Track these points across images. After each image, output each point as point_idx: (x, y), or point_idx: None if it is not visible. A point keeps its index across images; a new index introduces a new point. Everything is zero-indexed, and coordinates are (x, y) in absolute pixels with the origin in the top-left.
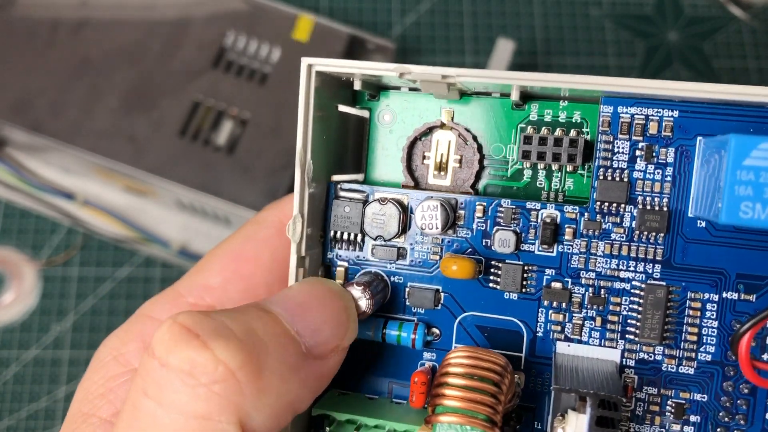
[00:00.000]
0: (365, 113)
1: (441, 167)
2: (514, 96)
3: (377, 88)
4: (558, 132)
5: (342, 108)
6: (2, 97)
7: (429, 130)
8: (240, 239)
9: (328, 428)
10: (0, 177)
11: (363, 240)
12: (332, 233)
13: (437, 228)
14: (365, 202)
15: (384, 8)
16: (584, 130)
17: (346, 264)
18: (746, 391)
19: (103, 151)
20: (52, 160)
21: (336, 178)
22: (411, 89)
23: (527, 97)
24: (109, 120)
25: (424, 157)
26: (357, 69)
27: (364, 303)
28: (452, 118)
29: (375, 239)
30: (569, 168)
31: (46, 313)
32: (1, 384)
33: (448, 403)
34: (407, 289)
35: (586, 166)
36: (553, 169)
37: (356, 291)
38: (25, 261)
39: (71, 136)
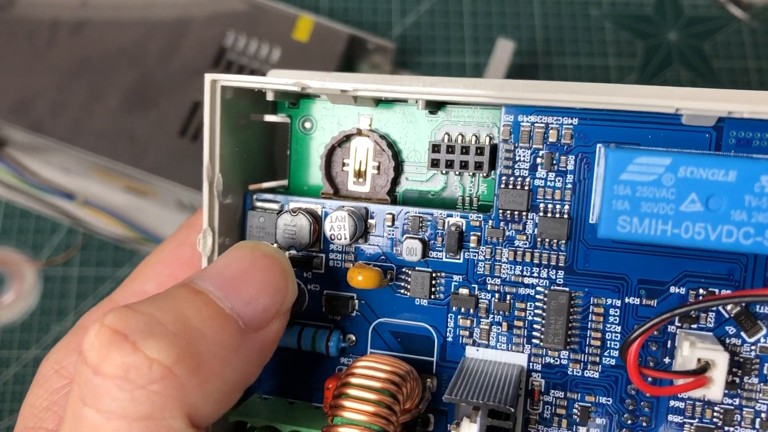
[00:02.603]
0: (286, 120)
1: (360, 174)
2: (420, 106)
3: (297, 96)
4: (470, 137)
5: (255, 117)
6: (2, 98)
7: (347, 138)
8: (173, 244)
9: None
10: (0, 177)
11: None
12: None
13: (346, 238)
14: (279, 213)
15: (384, 8)
16: (495, 134)
17: None
18: (649, 393)
19: (103, 151)
20: (52, 160)
21: (252, 187)
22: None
23: (441, 102)
24: (109, 120)
25: (343, 164)
26: (260, 84)
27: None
28: (370, 125)
29: (288, 250)
30: (482, 175)
31: (47, 313)
32: (1, 384)
33: (344, 414)
34: (323, 297)
35: (497, 171)
36: (467, 174)
37: None
38: (25, 261)
39: (71, 136)
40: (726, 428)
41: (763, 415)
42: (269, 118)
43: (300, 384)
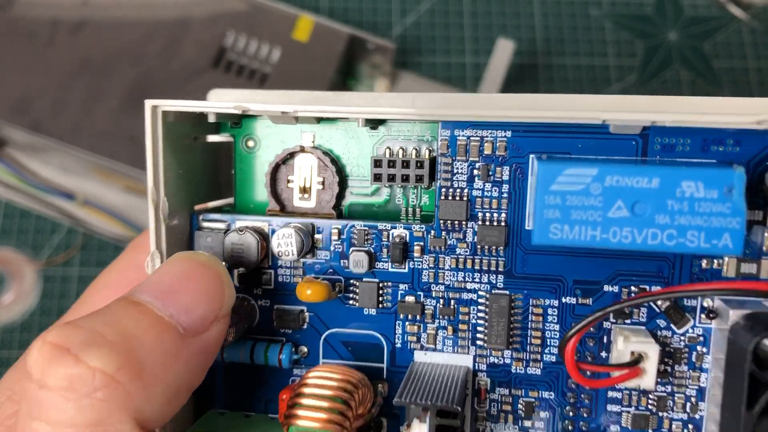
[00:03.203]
0: (229, 140)
1: (305, 190)
2: (361, 123)
3: (239, 117)
4: (410, 150)
5: (198, 138)
6: (2, 97)
7: (291, 156)
8: (120, 266)
9: None
10: (0, 177)
11: (229, 268)
12: None
13: (293, 254)
14: (226, 232)
15: (384, 8)
16: (435, 148)
17: None
18: (588, 386)
19: (103, 151)
20: (52, 160)
21: (198, 207)
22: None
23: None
24: (109, 120)
25: (288, 181)
26: (200, 108)
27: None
28: (313, 142)
29: (237, 268)
30: (424, 186)
31: (47, 313)
32: None
33: (298, 423)
34: (273, 312)
35: (437, 183)
36: (411, 188)
37: None
38: (25, 261)
39: (71, 136)
40: (660, 414)
41: (693, 399)
42: (212, 138)
43: (255, 397)
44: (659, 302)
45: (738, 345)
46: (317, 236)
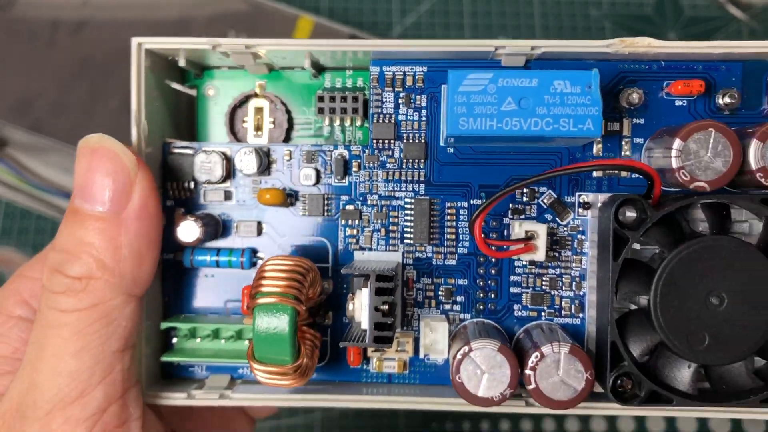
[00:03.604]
0: (192, 91)
1: (258, 128)
2: (306, 65)
3: (201, 68)
4: (344, 93)
5: (171, 84)
6: (3, 98)
7: (246, 99)
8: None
9: (176, 338)
10: (1, 177)
11: (196, 188)
12: (169, 185)
13: (253, 169)
14: (195, 154)
15: (384, 9)
16: (365, 93)
17: (182, 209)
18: (494, 272)
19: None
20: (52, 160)
21: (168, 140)
22: (230, 68)
23: (321, 68)
24: (109, 120)
25: (244, 121)
26: (179, 45)
27: (196, 231)
28: (264, 89)
29: (204, 183)
30: (357, 122)
31: None
32: None
33: (262, 290)
34: (234, 225)
35: (370, 111)
36: (346, 125)
37: (190, 222)
38: (25, 261)
39: (72, 136)
40: (552, 292)
41: (577, 279)
42: (178, 86)
43: (216, 301)
44: (546, 198)
45: (605, 215)
46: (272, 157)
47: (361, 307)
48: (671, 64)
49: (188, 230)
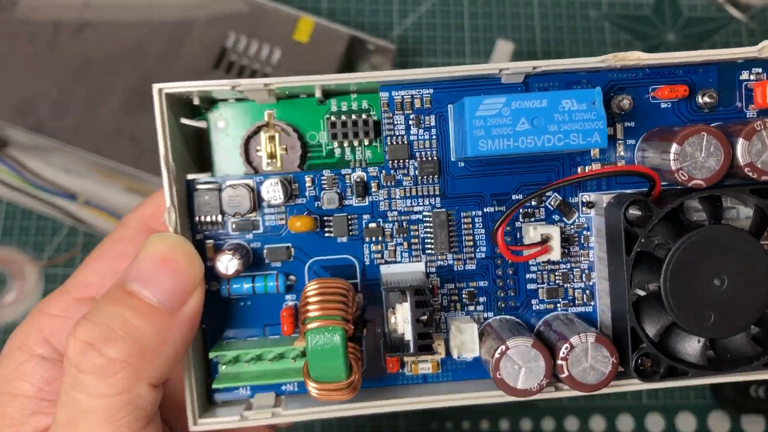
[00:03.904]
0: (203, 124)
1: (272, 156)
2: (318, 94)
3: (210, 102)
4: (354, 117)
5: (184, 121)
6: (4, 98)
7: (258, 129)
8: (110, 241)
9: (223, 366)
10: (2, 177)
11: (224, 220)
12: (197, 218)
13: (280, 199)
14: (220, 190)
15: (384, 9)
16: (371, 113)
17: (213, 241)
18: (511, 272)
19: (104, 151)
20: (53, 161)
21: (191, 176)
22: (237, 99)
23: (328, 94)
24: (110, 120)
25: (257, 151)
26: (198, 87)
27: (235, 263)
28: (274, 117)
29: (234, 216)
30: (366, 142)
31: None
32: None
33: (312, 314)
34: (265, 251)
35: (378, 140)
36: (355, 144)
37: (227, 255)
38: (26, 261)
39: (73, 136)
40: (565, 285)
41: (586, 271)
42: (191, 122)
43: (257, 324)
44: (552, 201)
45: (613, 215)
46: (294, 185)
47: (402, 320)
48: (655, 70)
49: (228, 264)
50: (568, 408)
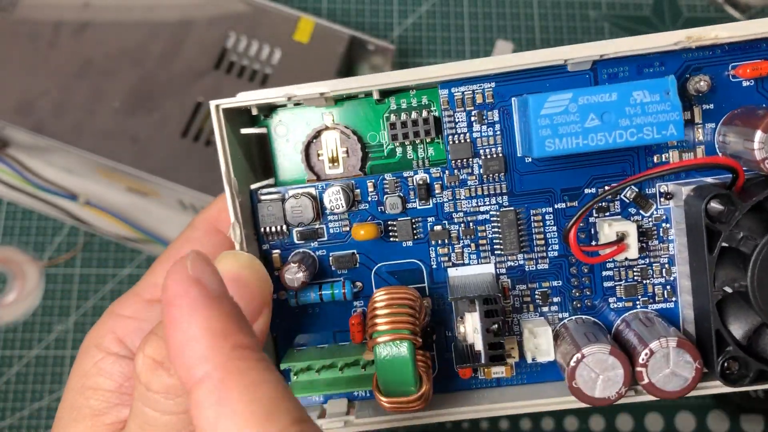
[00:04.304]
0: (263, 130)
1: (333, 160)
2: (376, 96)
3: (269, 109)
4: (413, 114)
5: (244, 131)
6: (5, 98)
7: (318, 134)
8: (180, 242)
9: (294, 377)
10: (2, 177)
11: (288, 230)
12: (263, 230)
13: (343, 207)
14: (283, 200)
15: (385, 10)
16: (432, 108)
17: (279, 251)
18: (586, 270)
19: (105, 151)
20: (54, 161)
21: (254, 186)
22: (295, 104)
23: (385, 93)
24: (111, 121)
25: (318, 155)
26: (254, 100)
27: (301, 275)
28: (333, 120)
29: (297, 226)
30: (428, 140)
31: (48, 312)
32: (4, 383)
33: (380, 328)
34: (330, 258)
35: (440, 136)
36: (417, 143)
37: (294, 267)
38: (27, 261)
39: (74, 136)
40: (644, 281)
41: (666, 266)
42: (252, 130)
43: (326, 332)
44: (628, 194)
45: (693, 210)
46: (356, 191)
47: (472, 330)
48: (735, 46)
49: (294, 276)
50: None
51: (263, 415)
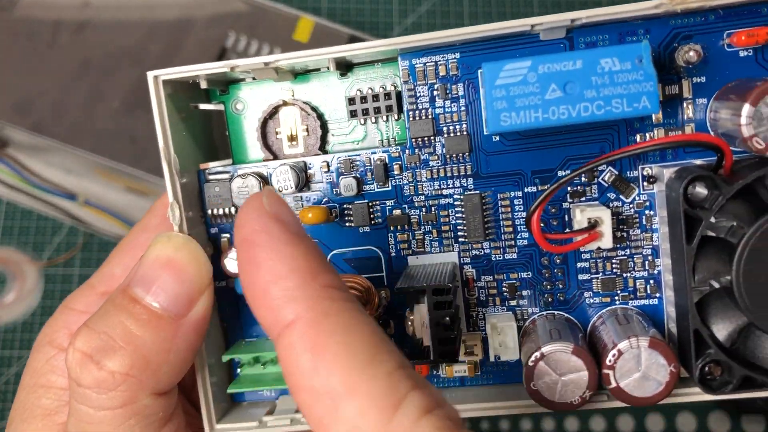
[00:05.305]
0: (220, 107)
1: (293, 138)
2: (332, 68)
3: (226, 84)
4: (377, 88)
5: (197, 106)
6: (4, 98)
7: (275, 110)
8: (135, 231)
9: (239, 369)
10: (2, 177)
11: (237, 212)
12: (210, 212)
13: (292, 188)
14: (231, 180)
15: (384, 9)
16: (396, 83)
17: (228, 235)
18: (559, 261)
19: (104, 151)
20: (53, 161)
21: (203, 166)
22: (254, 78)
23: (350, 66)
24: (110, 120)
25: (277, 133)
26: (195, 71)
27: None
28: (293, 96)
29: None
30: (395, 118)
31: (48, 312)
32: (3, 383)
33: None
34: None
35: (405, 108)
36: (383, 120)
37: (234, 253)
38: (26, 261)
39: (73, 136)
40: (624, 275)
41: (650, 257)
42: (204, 106)
43: None
44: (607, 176)
45: (674, 194)
46: (309, 172)
47: (420, 323)
48: (730, 11)
49: (235, 262)
50: None
51: (366, 359)
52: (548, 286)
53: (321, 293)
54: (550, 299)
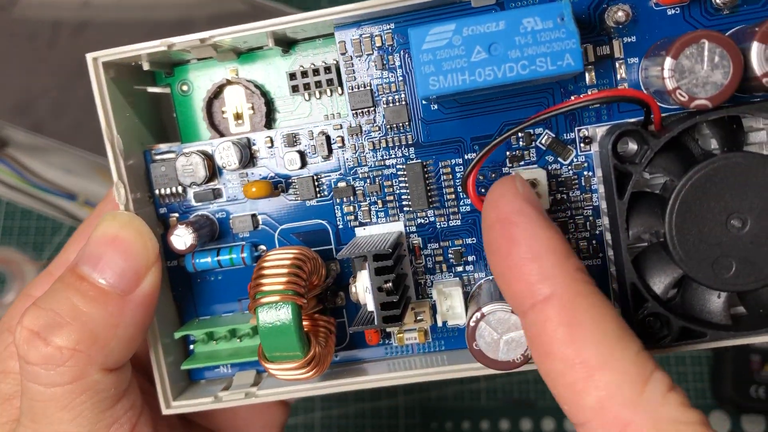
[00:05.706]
0: (166, 89)
1: (238, 116)
2: (271, 43)
3: (170, 66)
4: (319, 63)
5: (143, 88)
6: (4, 98)
7: (220, 89)
8: (91, 217)
9: (192, 347)
10: (1, 177)
11: (185, 191)
12: (158, 192)
13: (235, 164)
14: (176, 159)
15: None
16: (336, 58)
17: (176, 214)
18: None
19: (104, 151)
20: (53, 161)
21: (149, 147)
22: (198, 59)
23: (292, 43)
24: None
25: (223, 112)
26: (134, 52)
27: (190, 238)
28: (237, 74)
29: (190, 186)
30: (339, 92)
31: None
32: None
33: (262, 289)
34: (230, 221)
35: (344, 78)
36: (326, 95)
37: (181, 229)
38: (26, 261)
39: (72, 136)
40: (567, 236)
41: (591, 218)
42: (150, 89)
43: (228, 300)
44: (544, 139)
45: (604, 151)
46: (254, 148)
47: (363, 289)
48: None
49: (181, 239)
50: None
51: (615, 338)
52: None
53: (575, 275)
54: None
